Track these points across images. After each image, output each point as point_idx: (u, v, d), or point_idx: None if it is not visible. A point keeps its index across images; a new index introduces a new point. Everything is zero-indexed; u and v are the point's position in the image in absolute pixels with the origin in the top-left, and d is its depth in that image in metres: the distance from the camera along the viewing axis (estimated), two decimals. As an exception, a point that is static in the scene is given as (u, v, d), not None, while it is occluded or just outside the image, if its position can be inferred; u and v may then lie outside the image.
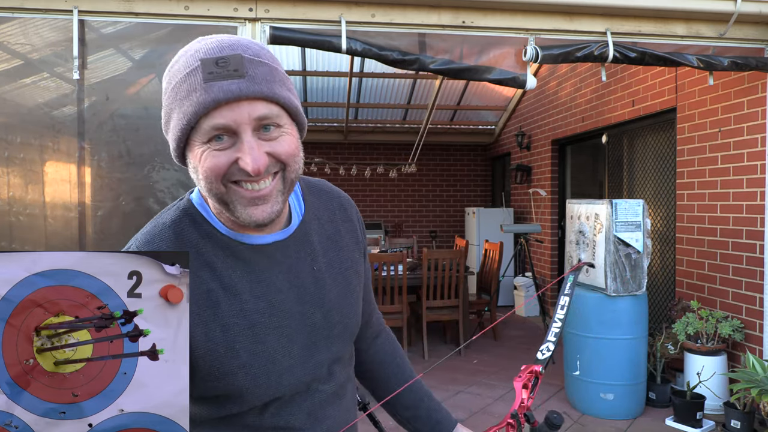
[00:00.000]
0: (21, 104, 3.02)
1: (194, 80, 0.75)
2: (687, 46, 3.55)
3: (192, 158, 0.79)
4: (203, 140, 0.76)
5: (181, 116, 0.76)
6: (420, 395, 1.16)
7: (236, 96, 0.74)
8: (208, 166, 0.77)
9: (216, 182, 0.78)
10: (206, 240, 0.85)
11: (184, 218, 0.86)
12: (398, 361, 1.19)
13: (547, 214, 7.21)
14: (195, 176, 0.81)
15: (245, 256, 0.86)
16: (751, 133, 3.87)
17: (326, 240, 0.97)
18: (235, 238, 0.86)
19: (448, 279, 5.25)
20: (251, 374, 0.85)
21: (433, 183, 9.53)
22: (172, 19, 3.02)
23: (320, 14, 3.11)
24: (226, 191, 0.79)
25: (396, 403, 1.15)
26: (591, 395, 3.91)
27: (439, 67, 3.25)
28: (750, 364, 3.28)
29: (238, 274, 0.85)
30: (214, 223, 0.86)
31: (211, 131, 0.75)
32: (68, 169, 3.01)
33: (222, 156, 0.77)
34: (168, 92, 0.79)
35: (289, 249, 0.90)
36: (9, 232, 2.95)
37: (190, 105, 0.75)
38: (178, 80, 0.77)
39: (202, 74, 0.74)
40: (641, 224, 3.86)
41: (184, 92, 0.76)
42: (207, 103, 0.74)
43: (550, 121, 7.10)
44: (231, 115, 0.75)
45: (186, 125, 0.76)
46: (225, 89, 0.74)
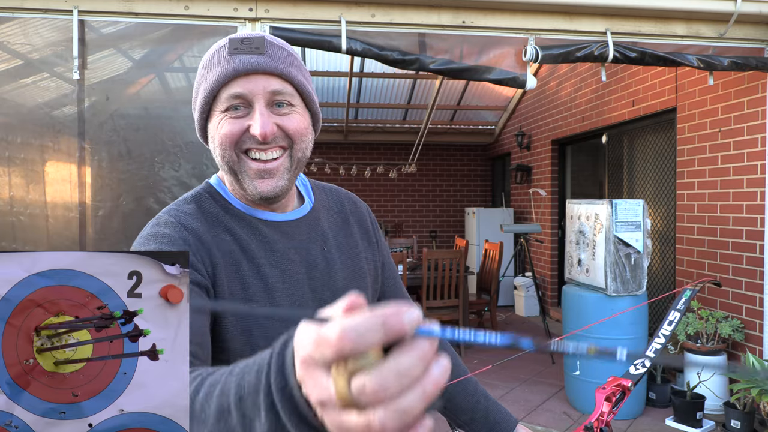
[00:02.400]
0: (21, 104, 3.02)
1: (221, 55, 0.84)
2: (687, 46, 3.55)
3: (211, 128, 0.87)
4: (221, 109, 0.84)
5: (206, 86, 0.85)
6: (477, 397, 1.16)
7: (254, 68, 0.82)
8: (223, 132, 0.84)
9: (229, 149, 0.85)
10: (224, 212, 0.91)
11: (204, 194, 0.93)
12: (452, 361, 1.18)
13: (547, 214, 7.21)
14: (212, 146, 0.88)
15: (260, 229, 0.92)
16: (751, 133, 3.87)
17: (335, 227, 1.02)
18: (249, 213, 0.93)
19: (448, 279, 5.25)
20: (266, 336, 0.88)
21: (433, 183, 9.53)
22: (172, 19, 3.02)
23: (320, 14, 3.11)
24: (237, 160, 0.86)
25: (453, 407, 1.15)
26: (591, 395, 3.91)
27: (439, 67, 3.25)
28: (750, 364, 3.28)
29: (254, 243, 0.90)
30: (231, 200, 0.93)
31: (230, 99, 0.83)
32: (68, 169, 3.01)
33: (236, 123, 0.84)
34: (199, 70, 0.88)
35: (300, 228, 0.96)
36: (10, 232, 2.95)
37: (215, 75, 0.84)
38: (207, 57, 0.87)
39: (228, 49, 0.84)
40: (641, 224, 3.86)
41: (210, 65, 0.85)
42: (228, 72, 0.82)
43: (550, 121, 7.10)
44: (247, 86, 0.83)
45: (209, 94, 0.84)
46: (245, 61, 0.82)
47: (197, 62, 3.24)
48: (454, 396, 1.15)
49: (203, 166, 3.09)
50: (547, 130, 7.19)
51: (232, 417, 0.55)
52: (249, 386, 0.52)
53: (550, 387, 4.48)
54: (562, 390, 4.36)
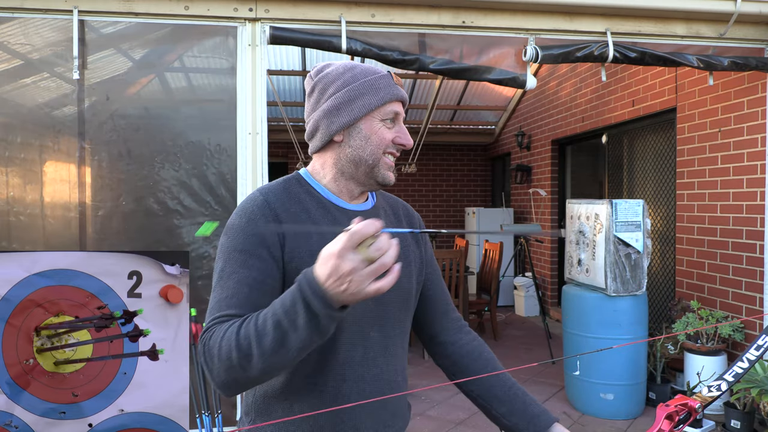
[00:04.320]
0: (21, 104, 3.02)
1: (387, 80, 1.14)
2: (687, 46, 3.55)
3: (366, 128, 1.12)
4: (381, 117, 1.13)
5: (377, 96, 1.12)
6: (514, 390, 1.21)
7: (405, 99, 1.17)
8: (382, 135, 1.13)
9: (379, 148, 1.13)
10: (306, 195, 1.15)
11: (292, 179, 1.18)
12: (486, 356, 1.28)
13: (547, 214, 7.21)
14: (363, 143, 1.12)
15: (334, 213, 1.15)
16: (751, 133, 3.87)
17: (390, 224, 1.26)
18: (329, 198, 1.16)
19: (448, 279, 5.25)
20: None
21: (433, 183, 9.53)
22: (172, 19, 3.02)
23: (320, 14, 3.11)
24: (381, 157, 1.14)
25: (492, 399, 1.21)
26: (591, 395, 3.91)
27: (439, 67, 3.25)
28: (750, 364, 3.28)
29: (324, 221, 1.13)
30: (316, 187, 1.17)
31: (391, 113, 1.13)
32: (68, 169, 3.01)
33: (389, 132, 1.14)
34: (354, 82, 1.12)
35: (365, 216, 1.17)
36: (9, 232, 2.95)
37: (386, 93, 1.12)
38: (370, 77, 1.13)
39: (391, 79, 1.15)
40: (641, 224, 3.86)
41: (379, 84, 1.13)
42: (396, 95, 1.14)
43: (550, 121, 7.10)
44: (399, 109, 1.15)
45: (378, 101, 1.11)
46: (402, 93, 1.16)
47: (197, 62, 3.24)
48: (492, 386, 1.21)
49: (203, 166, 3.09)
50: (547, 130, 7.19)
51: (267, 337, 0.87)
52: (284, 306, 0.86)
53: (550, 387, 4.48)
54: (562, 390, 4.36)
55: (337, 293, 0.82)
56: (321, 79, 1.15)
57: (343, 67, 1.14)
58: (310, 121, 1.17)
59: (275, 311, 0.89)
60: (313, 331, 0.86)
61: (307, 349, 0.90)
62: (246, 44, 3.05)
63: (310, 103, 1.17)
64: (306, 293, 0.85)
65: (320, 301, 0.83)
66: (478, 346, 1.29)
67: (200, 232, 1.02)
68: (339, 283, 0.81)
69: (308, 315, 0.84)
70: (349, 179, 1.16)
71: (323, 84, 1.15)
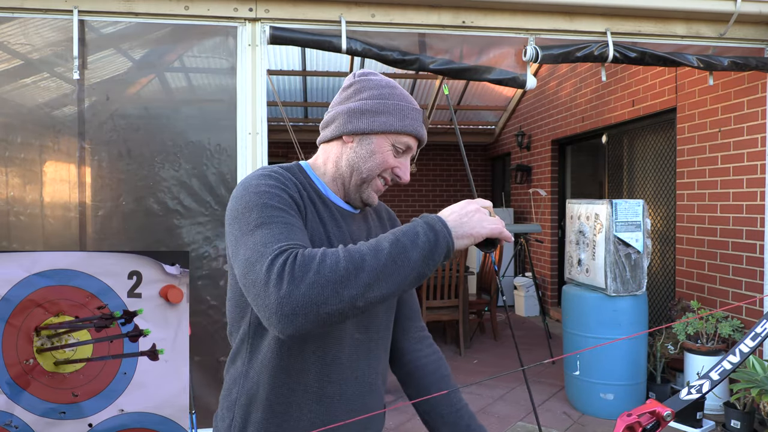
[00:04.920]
0: (21, 104, 3.02)
1: (417, 114, 1.17)
2: (687, 46, 3.55)
3: (376, 144, 1.15)
4: (394, 143, 1.16)
5: (401, 123, 1.15)
6: (461, 413, 1.23)
7: (424, 140, 1.21)
8: (387, 158, 1.15)
9: (377, 169, 1.15)
10: (308, 186, 1.16)
11: (295, 167, 1.19)
12: (442, 372, 1.28)
13: (547, 214, 7.21)
14: (366, 155, 1.15)
15: (331, 209, 1.17)
16: (751, 133, 3.87)
17: (376, 227, 1.29)
18: (328, 195, 1.19)
19: (448, 279, 5.25)
20: None
21: (433, 183, 9.53)
22: (172, 19, 3.02)
23: (320, 14, 3.11)
24: (375, 178, 1.16)
25: (436, 418, 1.23)
26: (591, 395, 3.91)
27: (439, 67, 3.25)
28: (750, 365, 3.28)
29: (326, 215, 1.15)
30: (316, 181, 1.19)
31: (404, 144, 1.16)
32: (68, 169, 3.01)
33: (393, 160, 1.17)
34: (389, 100, 1.16)
35: (356, 218, 1.22)
36: (9, 232, 2.95)
37: (410, 124, 1.15)
38: (404, 104, 1.16)
39: (421, 116, 1.19)
40: (641, 224, 3.86)
41: (409, 114, 1.16)
42: (417, 132, 1.17)
43: (550, 121, 7.10)
44: (413, 145, 1.19)
45: (400, 127, 1.14)
46: (424, 134, 1.19)
47: (197, 62, 3.24)
48: (438, 405, 1.22)
49: (203, 166, 3.09)
50: (547, 130, 7.19)
51: (383, 251, 0.91)
52: (401, 230, 0.95)
53: (550, 387, 4.48)
54: (562, 390, 4.36)
55: (457, 225, 0.97)
56: (362, 80, 1.18)
57: (386, 82, 1.19)
58: (332, 111, 1.19)
59: (389, 235, 0.94)
60: (432, 252, 0.93)
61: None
62: (246, 44, 3.05)
63: (342, 96, 1.19)
64: (426, 218, 0.97)
65: (441, 223, 0.96)
66: (435, 360, 1.29)
67: None
68: (460, 217, 0.98)
69: (430, 234, 0.93)
70: (341, 185, 1.19)
71: (361, 85, 1.18)
